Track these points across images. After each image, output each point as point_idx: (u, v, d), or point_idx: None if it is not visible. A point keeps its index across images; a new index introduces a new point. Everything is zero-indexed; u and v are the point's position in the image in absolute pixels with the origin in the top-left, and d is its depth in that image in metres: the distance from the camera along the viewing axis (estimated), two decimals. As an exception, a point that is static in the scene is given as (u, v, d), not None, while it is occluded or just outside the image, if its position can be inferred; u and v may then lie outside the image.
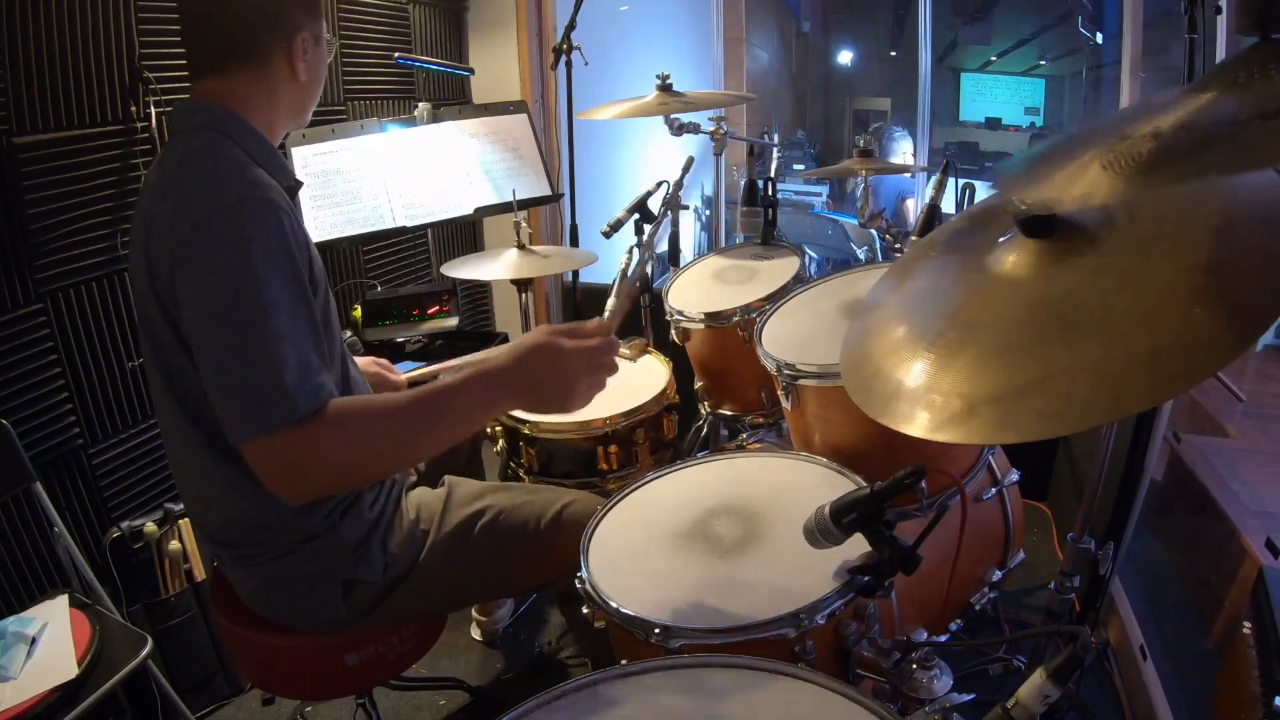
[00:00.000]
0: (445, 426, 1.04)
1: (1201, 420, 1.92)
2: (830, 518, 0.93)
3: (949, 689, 0.90)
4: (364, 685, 1.45)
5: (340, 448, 0.99)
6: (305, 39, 1.13)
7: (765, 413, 1.87)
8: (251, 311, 0.96)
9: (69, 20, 1.68)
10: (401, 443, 1.02)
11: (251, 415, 0.96)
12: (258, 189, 1.02)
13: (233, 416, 0.97)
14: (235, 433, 0.97)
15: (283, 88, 1.14)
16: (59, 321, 1.72)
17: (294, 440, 0.96)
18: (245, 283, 0.96)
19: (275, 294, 0.98)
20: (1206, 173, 0.74)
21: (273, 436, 0.96)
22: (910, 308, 0.96)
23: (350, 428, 0.99)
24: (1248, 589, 1.33)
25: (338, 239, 2.17)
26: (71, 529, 1.68)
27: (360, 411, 1.01)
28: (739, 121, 4.93)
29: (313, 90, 1.20)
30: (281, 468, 0.98)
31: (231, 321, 0.96)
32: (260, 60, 1.11)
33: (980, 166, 6.54)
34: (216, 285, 0.97)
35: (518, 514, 1.35)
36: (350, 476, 1.06)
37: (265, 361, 0.95)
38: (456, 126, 2.42)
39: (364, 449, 1.00)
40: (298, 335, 1.00)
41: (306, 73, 1.15)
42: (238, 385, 0.96)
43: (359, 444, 1.00)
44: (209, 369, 0.99)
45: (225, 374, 0.98)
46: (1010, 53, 6.66)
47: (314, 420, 0.97)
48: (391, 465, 1.13)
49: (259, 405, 0.95)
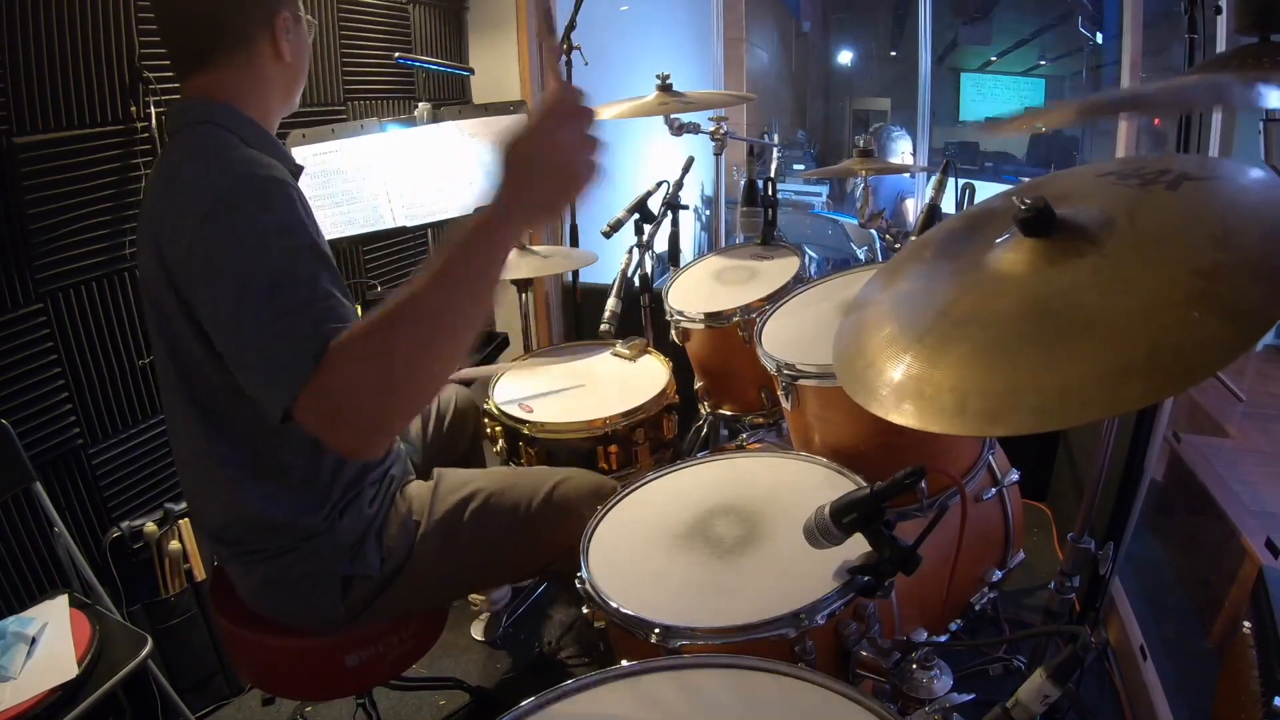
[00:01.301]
0: (470, 284, 0.88)
1: (1201, 420, 1.92)
2: (830, 518, 0.93)
3: (949, 689, 0.90)
4: (364, 685, 1.45)
5: (365, 369, 0.88)
6: (285, 18, 1.13)
7: (765, 413, 1.87)
8: (267, 279, 0.93)
9: (69, 20, 1.68)
10: (428, 325, 0.86)
11: (279, 384, 0.90)
12: (258, 168, 1.01)
13: (266, 393, 0.92)
14: (273, 408, 0.91)
15: (269, 71, 1.14)
16: (59, 321, 1.71)
17: (315, 389, 0.88)
18: (259, 258, 0.94)
19: (288, 256, 0.95)
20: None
21: (305, 393, 0.88)
22: (905, 303, 0.96)
23: (363, 336, 0.89)
24: (1248, 589, 1.33)
25: (338, 239, 2.17)
26: (71, 529, 1.68)
27: (368, 324, 0.89)
28: (739, 121, 4.93)
29: (299, 70, 1.20)
30: (329, 419, 0.90)
31: (249, 297, 0.93)
32: (244, 46, 1.11)
33: (980, 166, 6.55)
34: (232, 269, 0.95)
35: (507, 497, 1.35)
36: (395, 387, 0.88)
37: (287, 329, 0.90)
38: (456, 126, 2.42)
39: (390, 356, 0.87)
40: (318, 298, 0.94)
41: (291, 53, 1.16)
42: (265, 360, 0.91)
43: (382, 353, 0.87)
44: (235, 354, 0.96)
45: (250, 352, 0.93)
46: (1010, 53, 6.67)
47: (328, 360, 0.89)
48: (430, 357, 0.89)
49: (282, 371, 0.90)
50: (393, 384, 0.87)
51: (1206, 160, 1.03)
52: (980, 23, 6.49)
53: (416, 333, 0.86)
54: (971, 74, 6.82)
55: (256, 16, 1.10)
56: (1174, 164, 0.82)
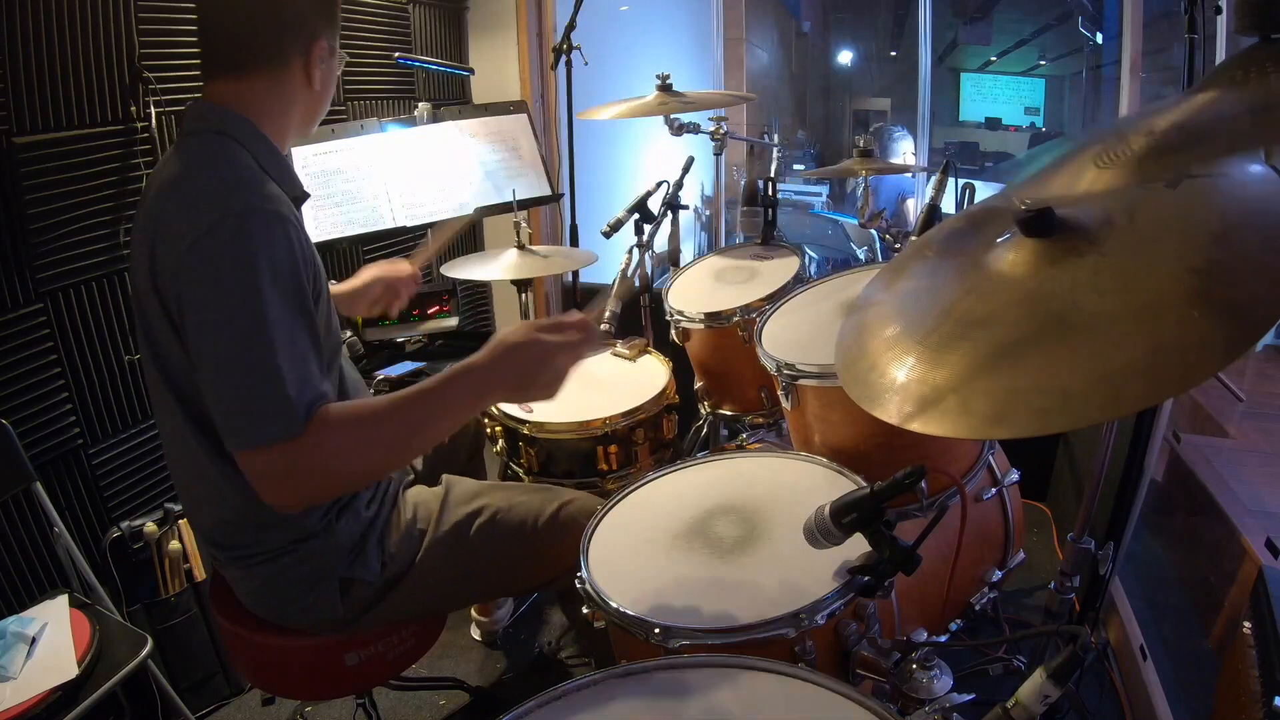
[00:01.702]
0: (435, 424, 1.06)
1: (1201, 420, 1.92)
2: (830, 518, 0.93)
3: (949, 689, 0.90)
4: (364, 685, 1.45)
5: (332, 456, 1.00)
6: (323, 47, 1.13)
7: (765, 413, 1.87)
8: (254, 325, 0.96)
9: (69, 20, 1.68)
10: (393, 444, 1.03)
11: (250, 427, 0.97)
12: (268, 202, 1.02)
13: (231, 426, 0.98)
14: (233, 441, 0.99)
15: (297, 95, 1.14)
16: (59, 321, 1.71)
17: (288, 451, 0.97)
18: (249, 296, 0.96)
19: (278, 309, 0.98)
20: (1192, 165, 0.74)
21: (270, 449, 0.97)
22: (906, 305, 0.96)
23: (341, 435, 1.00)
24: (1248, 589, 1.33)
25: (338, 239, 2.17)
26: (71, 529, 1.68)
27: (351, 417, 1.02)
28: (739, 121, 4.93)
29: (324, 100, 1.21)
30: (276, 478, 0.99)
31: (234, 333, 0.97)
32: (279, 65, 1.11)
33: (980, 166, 6.55)
34: (220, 295, 0.97)
35: (515, 513, 1.35)
36: (344, 482, 1.08)
37: (266, 375, 0.96)
38: (456, 126, 2.42)
39: (356, 454, 1.01)
40: (299, 349, 1.00)
41: (320, 82, 1.16)
42: (238, 395, 0.97)
43: (350, 450, 1.01)
44: (209, 375, 0.99)
45: (225, 383, 0.98)
46: (1010, 53, 6.67)
47: (307, 432, 0.97)
48: (384, 467, 1.15)
49: (258, 418, 0.96)
50: (367, 467, 1.05)
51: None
52: (980, 23, 6.49)
53: (400, 432, 1.03)
54: (971, 74, 6.82)
55: (297, 38, 1.11)
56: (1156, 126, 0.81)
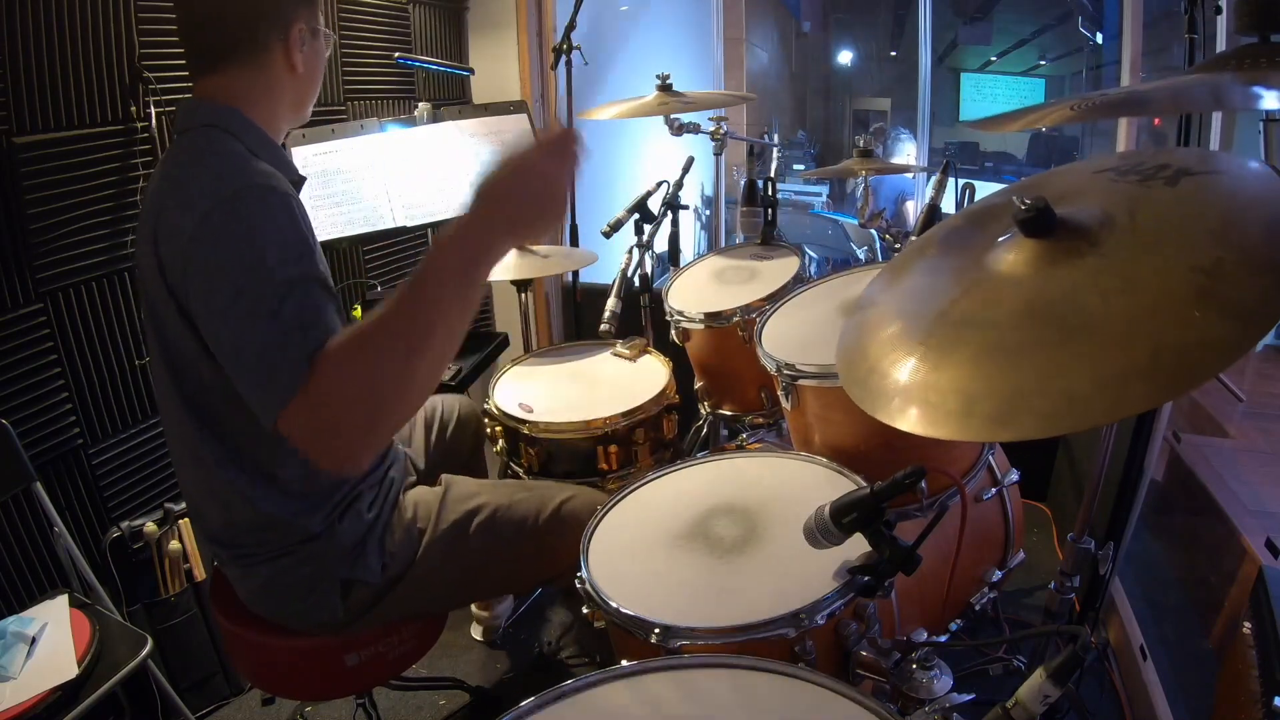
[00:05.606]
0: (446, 302, 0.91)
1: (1201, 420, 1.92)
2: (830, 518, 0.93)
3: (949, 689, 0.90)
4: (364, 685, 1.45)
5: (348, 381, 0.91)
6: (302, 30, 1.13)
7: (765, 413, 1.87)
8: (266, 296, 0.94)
9: (69, 20, 1.68)
10: (409, 340, 0.90)
11: (271, 396, 0.93)
12: (257, 177, 1.02)
13: (258, 402, 0.95)
14: (265, 418, 0.94)
15: (281, 81, 1.14)
16: (59, 321, 1.71)
17: (305, 401, 0.91)
18: (257, 269, 0.95)
19: (288, 273, 0.96)
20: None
21: (289, 408, 0.91)
22: (907, 305, 0.96)
23: (344, 357, 0.92)
24: (1248, 589, 1.33)
25: (338, 239, 2.17)
26: (71, 529, 1.68)
27: (351, 334, 0.93)
28: (739, 121, 4.93)
29: (311, 83, 1.20)
30: (311, 434, 0.92)
31: (247, 309, 0.95)
32: (257, 54, 1.11)
33: (980, 166, 6.56)
34: (228, 276, 0.96)
35: (515, 511, 1.35)
36: (374, 405, 0.92)
37: (282, 342, 0.93)
38: (456, 126, 2.42)
39: (371, 368, 0.91)
40: (310, 305, 0.96)
41: (304, 65, 1.15)
42: (259, 369, 0.94)
43: (362, 366, 0.91)
44: (231, 360, 0.98)
45: (247, 361, 0.95)
46: (1010, 53, 6.68)
47: (314, 374, 0.91)
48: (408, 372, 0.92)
49: (273, 385, 0.92)
50: (378, 394, 0.91)
51: (1206, 154, 1.03)
52: (980, 23, 6.50)
53: (399, 344, 0.89)
54: (971, 74, 6.83)
55: (274, 24, 1.10)
56: (1173, 159, 0.82)
